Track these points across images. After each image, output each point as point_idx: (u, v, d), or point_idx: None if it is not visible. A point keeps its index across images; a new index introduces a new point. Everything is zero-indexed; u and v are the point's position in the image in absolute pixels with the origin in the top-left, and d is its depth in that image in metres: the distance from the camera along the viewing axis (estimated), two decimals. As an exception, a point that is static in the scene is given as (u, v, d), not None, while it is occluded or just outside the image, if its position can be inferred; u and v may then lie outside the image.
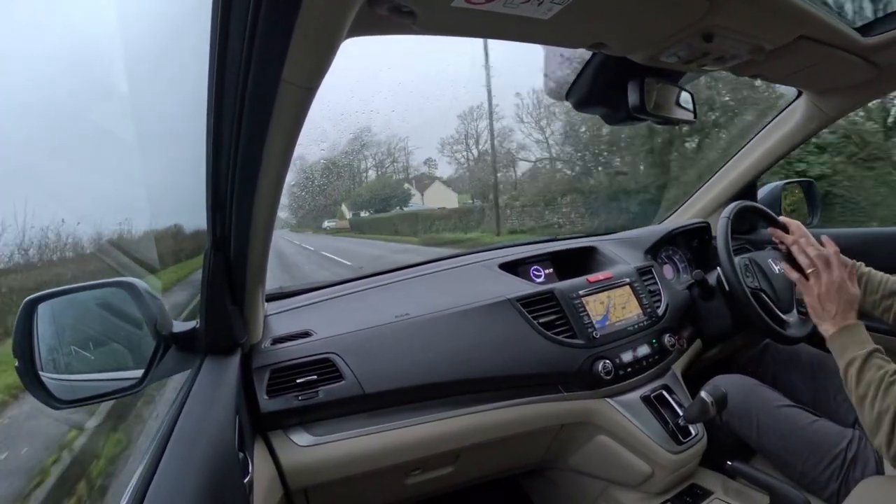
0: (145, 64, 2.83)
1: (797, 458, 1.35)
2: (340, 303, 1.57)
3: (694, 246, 2.15)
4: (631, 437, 1.44)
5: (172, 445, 0.77)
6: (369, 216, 23.95)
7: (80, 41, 6.72)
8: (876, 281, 1.41)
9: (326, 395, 1.23)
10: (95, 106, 6.09)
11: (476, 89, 18.73)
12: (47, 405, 0.94)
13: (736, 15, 0.96)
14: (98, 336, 1.11)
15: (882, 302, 1.38)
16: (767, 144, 2.00)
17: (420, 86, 27.04)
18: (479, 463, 1.50)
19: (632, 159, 12.39)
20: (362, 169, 25.25)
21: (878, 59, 1.36)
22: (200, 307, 1.03)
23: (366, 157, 24.62)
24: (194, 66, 0.70)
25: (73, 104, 6.01)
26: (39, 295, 0.95)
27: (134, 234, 4.48)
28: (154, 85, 3.33)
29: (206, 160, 0.79)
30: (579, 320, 1.48)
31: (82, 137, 5.43)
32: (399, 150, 25.05)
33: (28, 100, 5.14)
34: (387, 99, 24.89)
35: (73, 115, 5.77)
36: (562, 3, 0.80)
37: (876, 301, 1.39)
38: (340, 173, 21.99)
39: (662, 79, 1.31)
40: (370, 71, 12.49)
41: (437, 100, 23.79)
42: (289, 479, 1.21)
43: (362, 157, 24.25)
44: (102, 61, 5.72)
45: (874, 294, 1.40)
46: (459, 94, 20.43)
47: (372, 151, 24.45)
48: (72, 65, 6.24)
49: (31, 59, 5.71)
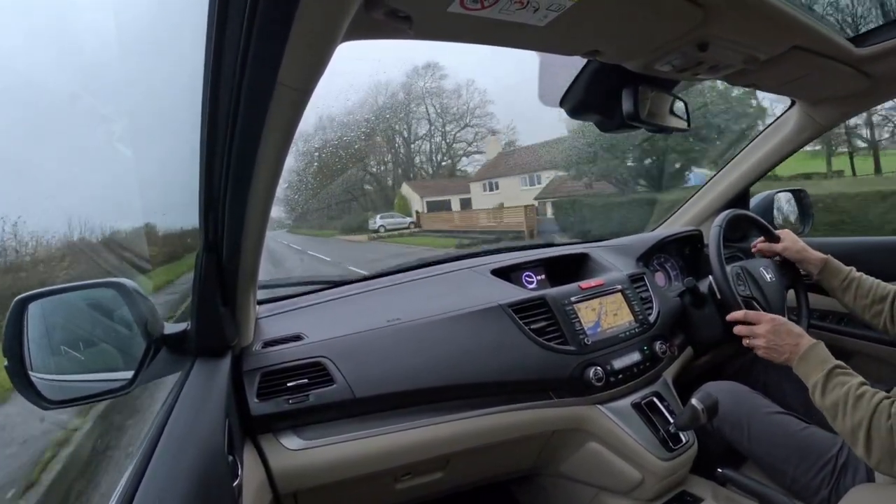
0: (141, 62, 2.81)
1: (788, 465, 1.36)
2: (332, 306, 1.56)
3: (686, 254, 2.15)
4: (621, 443, 1.44)
5: (162, 448, 0.77)
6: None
7: (76, 38, 6.71)
8: (866, 286, 1.43)
9: (317, 398, 1.22)
10: (89, 103, 6.06)
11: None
12: (36, 405, 0.93)
13: (730, 25, 0.97)
14: (88, 336, 1.10)
15: (872, 307, 1.41)
16: (760, 153, 2.02)
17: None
18: (470, 469, 1.50)
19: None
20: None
21: (870, 69, 1.37)
22: (192, 309, 1.03)
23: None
24: (190, 68, 0.70)
25: (65, 100, 5.98)
26: (30, 294, 0.95)
27: (125, 233, 4.45)
28: (149, 84, 3.31)
29: (200, 161, 0.78)
30: (571, 327, 1.48)
31: (74, 134, 5.41)
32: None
33: (20, 96, 5.12)
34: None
35: (64, 112, 5.74)
36: (557, 10, 0.80)
37: (866, 305, 1.42)
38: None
39: (656, 87, 1.31)
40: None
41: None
42: (278, 483, 1.20)
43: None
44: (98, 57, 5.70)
45: (864, 298, 1.43)
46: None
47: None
48: (65, 61, 6.22)
49: (27, 57, 5.69)
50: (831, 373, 1.16)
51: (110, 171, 4.97)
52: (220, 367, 1.07)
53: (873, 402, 1.06)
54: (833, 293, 1.54)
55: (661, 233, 2.15)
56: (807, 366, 1.22)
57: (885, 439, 1.03)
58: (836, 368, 1.17)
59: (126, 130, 4.10)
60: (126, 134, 4.18)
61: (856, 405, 1.08)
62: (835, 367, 1.17)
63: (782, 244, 1.63)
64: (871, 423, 1.05)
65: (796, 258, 1.61)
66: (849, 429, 1.09)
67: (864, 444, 1.05)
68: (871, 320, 1.42)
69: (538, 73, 1.39)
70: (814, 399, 1.18)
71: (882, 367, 1.77)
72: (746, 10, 0.94)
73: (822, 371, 1.17)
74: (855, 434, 1.07)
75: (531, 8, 0.78)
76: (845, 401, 1.10)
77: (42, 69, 5.61)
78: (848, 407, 1.09)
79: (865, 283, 1.44)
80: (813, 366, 1.21)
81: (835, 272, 1.52)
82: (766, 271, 1.64)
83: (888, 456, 1.03)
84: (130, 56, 2.48)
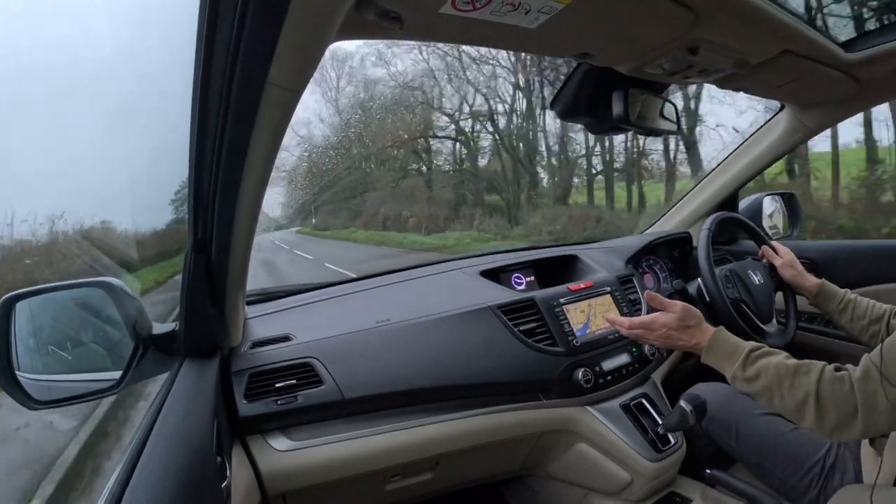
0: (131, 60, 2.82)
1: (776, 466, 1.36)
2: (321, 307, 1.56)
3: (675, 256, 2.16)
4: (610, 445, 1.45)
5: (150, 448, 0.76)
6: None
7: (68, 32, 6.68)
8: (862, 307, 1.42)
9: (305, 399, 1.22)
10: (79, 98, 6.04)
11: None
12: (24, 405, 0.93)
13: (722, 29, 0.98)
14: (76, 336, 1.10)
15: (869, 327, 1.40)
16: (750, 156, 2.03)
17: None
18: (459, 470, 1.50)
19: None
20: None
21: (860, 74, 1.38)
22: (180, 309, 1.02)
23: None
24: (180, 65, 0.70)
25: (55, 95, 5.95)
26: (17, 293, 0.94)
27: (114, 231, 4.44)
28: (139, 81, 3.30)
29: (189, 159, 0.78)
30: (560, 328, 1.48)
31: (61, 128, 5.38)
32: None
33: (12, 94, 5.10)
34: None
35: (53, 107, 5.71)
36: (549, 13, 0.81)
37: (863, 327, 1.41)
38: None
39: (647, 90, 1.32)
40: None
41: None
42: (267, 485, 1.20)
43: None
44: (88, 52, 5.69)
45: (861, 320, 1.41)
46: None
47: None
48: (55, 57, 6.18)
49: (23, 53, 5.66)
50: (748, 358, 1.11)
51: (98, 167, 4.96)
52: (209, 367, 1.07)
53: (813, 375, 1.03)
54: (829, 316, 1.52)
55: (651, 235, 2.15)
56: (716, 357, 1.16)
57: (841, 405, 0.99)
58: (751, 351, 1.12)
59: (116, 127, 4.10)
60: (116, 131, 4.18)
61: (794, 383, 1.04)
62: (750, 349, 1.12)
63: (781, 261, 1.63)
64: (820, 393, 1.01)
65: (790, 281, 1.60)
66: (791, 405, 1.04)
67: (815, 414, 1.01)
68: (870, 341, 1.40)
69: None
70: (736, 384, 1.13)
71: None
72: (737, 14, 0.94)
73: (736, 361, 1.12)
74: (801, 409, 1.03)
75: (522, 10, 0.79)
76: (778, 382, 1.05)
77: (32, 64, 5.58)
78: (784, 387, 1.05)
79: (861, 305, 1.43)
80: (723, 357, 1.15)
81: (830, 296, 1.50)
82: (754, 274, 1.65)
83: (841, 422, 1.00)
84: (121, 54, 2.48)
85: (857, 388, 0.98)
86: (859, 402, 0.97)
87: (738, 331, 1.46)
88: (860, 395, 0.97)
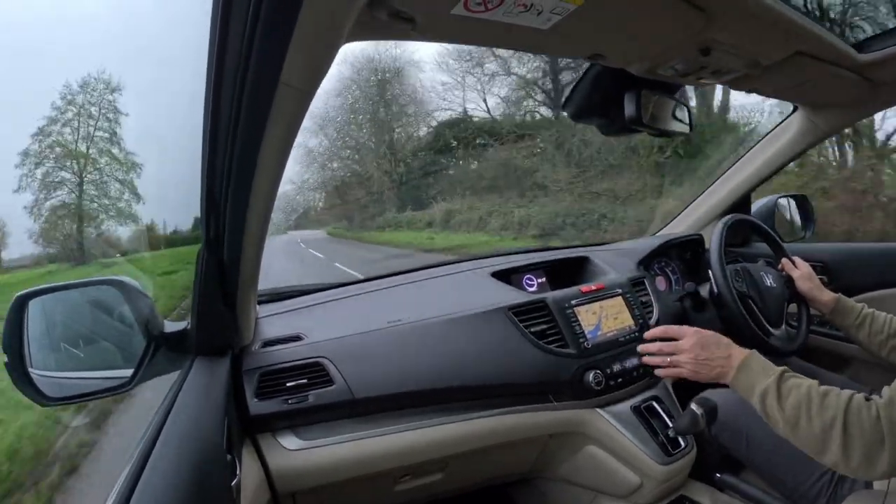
0: (144, 61, 2.85)
1: (787, 473, 1.35)
2: (333, 307, 1.56)
3: (687, 258, 2.15)
4: (620, 447, 1.44)
5: (160, 446, 0.77)
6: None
7: (79, 33, 6.73)
8: (880, 322, 1.40)
9: (316, 399, 1.22)
10: (93, 99, 6.09)
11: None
12: (35, 402, 0.94)
13: (734, 30, 0.97)
14: (88, 334, 1.11)
15: (888, 342, 1.37)
16: (762, 158, 2.01)
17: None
18: (469, 471, 1.50)
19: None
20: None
21: (873, 75, 1.37)
22: (192, 307, 1.03)
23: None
24: (192, 66, 0.70)
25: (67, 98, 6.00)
26: (31, 291, 0.95)
27: (127, 230, 4.48)
28: (153, 82, 3.33)
29: (202, 159, 0.78)
30: (571, 330, 1.48)
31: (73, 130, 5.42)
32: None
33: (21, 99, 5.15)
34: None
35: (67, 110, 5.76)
36: (561, 14, 0.81)
37: (882, 341, 1.39)
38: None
39: (659, 91, 1.31)
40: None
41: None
42: (276, 483, 1.20)
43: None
44: (101, 55, 5.74)
45: (879, 335, 1.39)
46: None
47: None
48: (69, 58, 6.24)
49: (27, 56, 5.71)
50: (782, 377, 1.08)
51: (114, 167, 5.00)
52: (220, 365, 1.07)
53: (843, 397, 1.00)
54: (846, 332, 1.50)
55: (662, 237, 2.14)
56: (749, 375, 1.13)
57: (867, 433, 0.96)
58: (785, 372, 1.10)
59: (130, 128, 4.14)
60: (130, 131, 4.21)
61: (823, 403, 1.00)
62: (783, 371, 1.10)
63: (798, 272, 1.60)
64: (847, 419, 0.97)
65: (807, 294, 1.57)
66: (818, 430, 1.00)
67: (841, 443, 0.97)
68: (889, 356, 1.38)
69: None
70: (765, 408, 1.08)
71: (880, 374, 1.76)
72: (749, 15, 0.94)
73: (770, 377, 1.09)
74: (827, 434, 0.99)
75: (535, 11, 0.79)
76: (808, 402, 1.02)
77: (43, 67, 5.64)
78: (813, 407, 1.01)
79: (879, 320, 1.41)
80: (756, 374, 1.12)
81: (847, 311, 1.47)
82: (766, 276, 1.63)
83: (868, 454, 0.96)
84: (134, 55, 2.50)
85: (883, 415, 0.95)
86: (885, 430, 0.94)
87: (742, 327, 1.45)
88: (886, 423, 0.94)
